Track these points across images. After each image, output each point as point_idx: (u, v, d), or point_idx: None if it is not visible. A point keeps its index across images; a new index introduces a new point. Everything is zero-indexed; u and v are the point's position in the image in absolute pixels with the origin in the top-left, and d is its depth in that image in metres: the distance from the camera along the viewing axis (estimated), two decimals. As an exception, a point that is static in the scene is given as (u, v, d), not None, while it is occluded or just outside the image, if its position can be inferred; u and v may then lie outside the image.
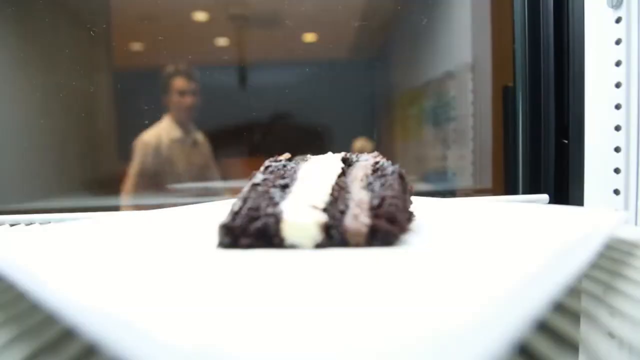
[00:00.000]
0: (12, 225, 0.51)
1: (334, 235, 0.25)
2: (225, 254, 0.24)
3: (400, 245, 0.25)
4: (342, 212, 0.26)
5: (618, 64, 0.53)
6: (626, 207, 0.53)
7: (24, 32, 0.99)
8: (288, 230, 0.24)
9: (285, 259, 0.23)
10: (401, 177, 0.30)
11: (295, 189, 0.28)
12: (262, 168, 0.31)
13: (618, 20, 0.52)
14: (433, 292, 0.16)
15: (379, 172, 0.30)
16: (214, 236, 0.25)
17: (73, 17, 1.07)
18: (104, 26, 1.08)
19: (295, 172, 0.30)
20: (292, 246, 0.25)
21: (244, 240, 0.25)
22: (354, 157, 0.33)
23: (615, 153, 0.54)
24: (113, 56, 1.12)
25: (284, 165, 0.31)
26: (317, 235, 0.24)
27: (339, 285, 0.18)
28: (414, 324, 0.13)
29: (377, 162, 0.31)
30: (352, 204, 0.26)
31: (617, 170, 0.54)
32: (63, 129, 1.09)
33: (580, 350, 0.17)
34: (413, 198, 0.31)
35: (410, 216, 0.29)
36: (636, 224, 0.53)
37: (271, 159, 0.32)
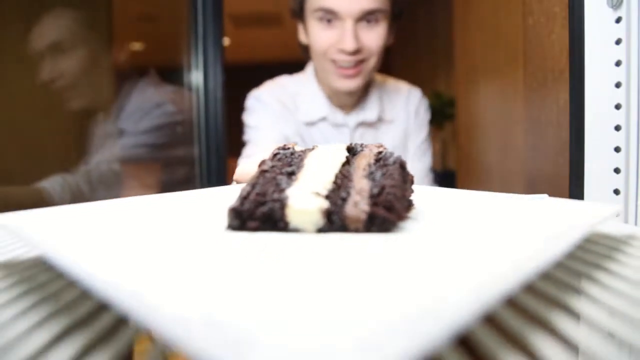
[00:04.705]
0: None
1: (334, 220, 0.26)
2: (234, 236, 0.26)
3: (397, 232, 0.26)
4: (344, 200, 0.27)
5: (618, 64, 0.53)
6: (626, 207, 0.53)
7: (23, 29, 1.00)
8: (292, 215, 0.26)
9: (288, 242, 0.24)
10: (402, 167, 0.31)
11: (300, 176, 0.29)
12: (270, 155, 0.32)
13: (618, 20, 0.52)
14: (415, 274, 0.18)
15: (381, 162, 0.31)
16: (224, 219, 0.27)
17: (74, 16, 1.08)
18: (104, 25, 1.09)
19: (301, 160, 0.32)
20: (296, 230, 0.26)
21: (251, 224, 0.26)
22: (358, 146, 0.34)
23: (615, 153, 0.54)
24: (113, 55, 1.13)
25: (292, 153, 0.33)
26: (319, 220, 0.26)
27: (334, 267, 0.20)
28: (398, 303, 0.15)
29: (380, 152, 0.32)
30: (353, 192, 0.27)
31: (617, 170, 0.54)
32: (63, 127, 1.10)
33: (580, 350, 0.17)
34: (414, 187, 0.33)
35: (409, 205, 0.31)
36: (636, 224, 0.53)
37: (280, 147, 0.33)
